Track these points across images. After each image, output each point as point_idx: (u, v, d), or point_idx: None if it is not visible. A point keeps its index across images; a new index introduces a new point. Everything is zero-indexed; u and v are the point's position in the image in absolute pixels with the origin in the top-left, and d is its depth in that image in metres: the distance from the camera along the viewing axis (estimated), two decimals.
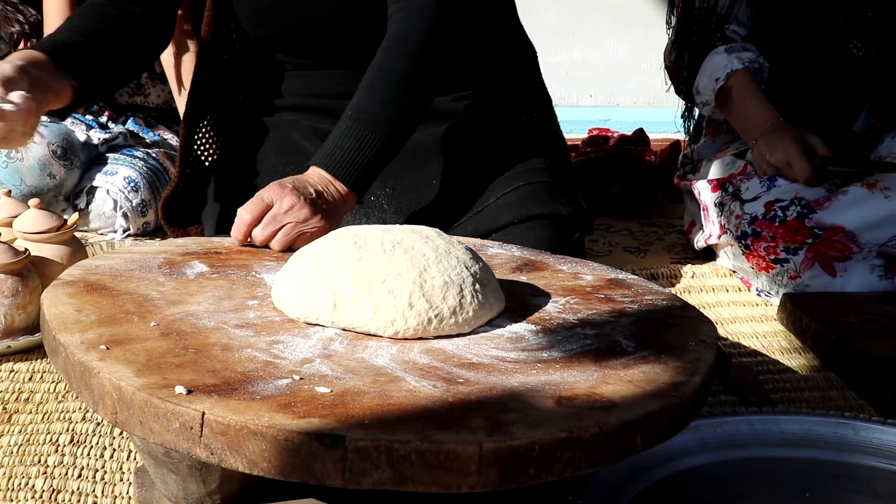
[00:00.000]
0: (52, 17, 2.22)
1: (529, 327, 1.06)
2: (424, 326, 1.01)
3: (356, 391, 0.87)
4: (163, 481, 1.02)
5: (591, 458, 0.84)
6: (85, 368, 0.89)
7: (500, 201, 1.72)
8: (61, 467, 1.27)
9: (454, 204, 1.75)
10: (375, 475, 0.79)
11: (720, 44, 2.05)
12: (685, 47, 2.12)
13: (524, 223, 1.69)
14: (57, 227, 1.68)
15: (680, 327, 1.09)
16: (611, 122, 3.16)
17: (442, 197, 1.75)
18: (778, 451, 1.21)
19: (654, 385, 0.93)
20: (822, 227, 1.84)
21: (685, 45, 2.12)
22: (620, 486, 1.09)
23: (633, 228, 2.39)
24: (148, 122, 2.41)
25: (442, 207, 1.74)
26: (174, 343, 0.95)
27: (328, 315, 1.02)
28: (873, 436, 1.22)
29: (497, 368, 0.95)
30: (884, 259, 1.86)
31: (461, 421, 0.83)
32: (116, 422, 0.87)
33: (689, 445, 1.17)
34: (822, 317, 1.72)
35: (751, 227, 1.90)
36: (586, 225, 1.80)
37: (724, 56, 2.03)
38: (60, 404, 1.43)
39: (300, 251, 1.10)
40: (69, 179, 2.16)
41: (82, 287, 1.08)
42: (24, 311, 1.57)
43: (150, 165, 2.25)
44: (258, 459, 0.81)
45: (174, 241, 1.30)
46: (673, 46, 2.18)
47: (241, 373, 0.89)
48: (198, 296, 1.08)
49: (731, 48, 2.03)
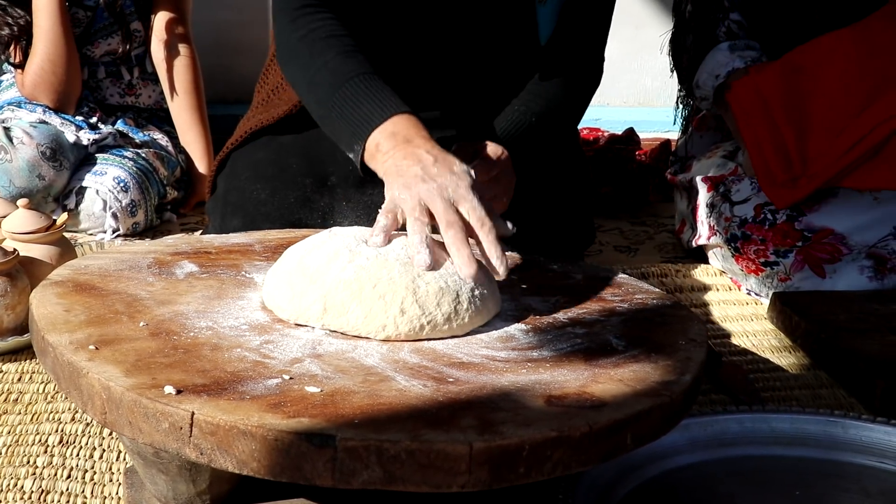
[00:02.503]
0: (42, 19, 2.21)
1: (520, 326, 1.06)
2: (416, 332, 1.00)
3: (346, 391, 0.87)
4: (152, 482, 1.01)
5: (582, 457, 0.84)
6: (74, 369, 0.89)
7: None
8: (50, 468, 1.27)
9: None
10: (365, 475, 0.79)
11: (724, 39, 2.04)
12: (689, 33, 2.11)
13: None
14: (46, 227, 1.67)
15: (670, 326, 1.09)
16: (601, 121, 3.16)
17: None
18: (768, 449, 1.21)
19: (645, 384, 0.93)
20: (812, 230, 1.85)
21: (689, 32, 2.11)
22: (611, 484, 1.09)
23: (623, 228, 2.39)
24: (138, 122, 2.40)
25: None
26: (163, 343, 0.95)
27: (318, 318, 1.01)
28: (863, 434, 1.22)
29: (487, 368, 0.95)
30: (873, 260, 1.86)
31: (451, 420, 0.82)
32: (105, 422, 0.86)
33: (679, 444, 1.17)
34: (812, 315, 1.72)
35: (741, 229, 1.91)
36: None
37: (727, 53, 2.02)
38: (49, 405, 1.43)
39: (290, 251, 1.10)
40: (58, 180, 2.16)
41: (71, 287, 1.07)
42: (13, 311, 1.57)
43: (140, 165, 2.24)
44: (248, 459, 0.80)
45: (164, 241, 1.30)
46: (679, 32, 2.16)
47: (231, 373, 0.89)
48: (187, 296, 1.08)
49: (734, 45, 2.02)
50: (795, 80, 1.88)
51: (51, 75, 2.24)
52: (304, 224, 1.67)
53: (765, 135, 1.89)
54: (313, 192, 1.70)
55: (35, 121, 2.23)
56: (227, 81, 3.16)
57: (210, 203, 1.80)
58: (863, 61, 1.84)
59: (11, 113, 2.27)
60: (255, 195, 1.70)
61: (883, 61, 1.84)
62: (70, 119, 2.27)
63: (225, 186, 1.76)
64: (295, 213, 1.68)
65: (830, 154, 1.82)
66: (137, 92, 2.43)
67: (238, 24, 3.23)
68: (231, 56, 3.20)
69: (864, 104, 1.82)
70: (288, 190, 1.69)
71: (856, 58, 1.85)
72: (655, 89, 3.49)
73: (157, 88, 2.45)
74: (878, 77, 1.84)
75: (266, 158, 1.74)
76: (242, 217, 1.70)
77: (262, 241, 1.33)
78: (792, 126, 1.87)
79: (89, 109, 2.33)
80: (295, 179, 1.71)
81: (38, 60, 2.23)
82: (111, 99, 2.40)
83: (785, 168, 1.86)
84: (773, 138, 1.88)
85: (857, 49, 1.85)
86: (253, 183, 1.71)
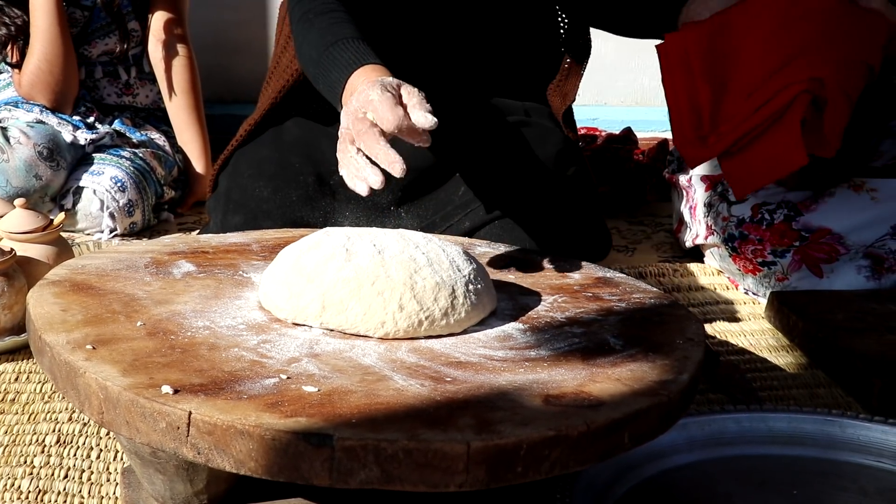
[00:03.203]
0: (39, 18, 2.21)
1: (517, 326, 1.06)
2: (415, 328, 1.01)
3: (343, 390, 0.87)
4: (149, 481, 1.01)
5: (579, 456, 0.84)
6: (71, 368, 0.89)
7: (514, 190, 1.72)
8: (47, 468, 1.27)
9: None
10: (363, 474, 0.79)
11: None
12: None
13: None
14: (43, 226, 1.67)
15: (668, 325, 1.09)
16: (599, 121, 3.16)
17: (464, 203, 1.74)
18: (766, 448, 1.21)
19: (642, 383, 0.93)
20: (809, 230, 1.85)
21: None
22: (608, 484, 1.09)
23: (621, 227, 2.39)
24: (135, 122, 2.40)
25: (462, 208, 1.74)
26: (161, 343, 0.95)
27: (317, 316, 1.01)
28: (860, 433, 1.22)
29: (485, 367, 0.95)
30: (870, 260, 1.86)
31: (449, 420, 0.82)
32: (103, 422, 0.86)
33: (677, 443, 1.17)
34: (810, 315, 1.72)
35: (738, 229, 1.91)
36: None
37: None
38: (47, 405, 1.43)
39: (286, 250, 1.10)
40: (55, 180, 2.16)
41: (68, 287, 1.07)
42: (10, 311, 1.56)
43: (137, 165, 2.24)
44: (245, 459, 0.80)
45: (161, 241, 1.30)
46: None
47: (228, 372, 0.89)
48: (184, 295, 1.08)
49: None
50: (722, 38, 1.76)
51: (48, 75, 2.24)
52: (305, 222, 1.67)
53: (683, 90, 1.78)
54: (315, 191, 1.70)
55: (32, 120, 2.22)
56: (224, 81, 3.15)
57: (211, 200, 1.80)
58: (791, 23, 1.71)
59: (8, 113, 2.26)
60: (256, 192, 1.70)
61: (812, 25, 1.71)
62: (67, 119, 2.27)
63: (227, 184, 1.77)
64: (296, 211, 1.68)
65: (738, 116, 1.71)
66: (135, 92, 2.43)
67: (236, 23, 3.22)
68: (228, 56, 3.20)
69: (779, 67, 1.70)
70: (290, 188, 1.70)
71: (784, 20, 1.72)
72: (653, 89, 3.48)
73: (154, 88, 2.45)
74: (802, 40, 1.71)
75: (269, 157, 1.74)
76: (244, 214, 1.70)
77: (259, 240, 1.33)
78: (709, 84, 1.75)
79: (86, 109, 2.33)
80: (297, 178, 1.71)
81: (35, 60, 2.23)
82: (108, 99, 2.40)
83: (696, 125, 1.76)
84: (689, 95, 1.77)
85: (788, 10, 1.72)
86: (255, 180, 1.71)
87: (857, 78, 1.67)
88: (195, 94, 2.43)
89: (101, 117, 2.34)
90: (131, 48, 2.38)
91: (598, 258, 1.78)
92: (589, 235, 1.76)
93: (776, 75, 1.69)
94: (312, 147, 1.75)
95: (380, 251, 1.04)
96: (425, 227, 1.68)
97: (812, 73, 1.63)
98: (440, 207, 1.73)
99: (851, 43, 1.67)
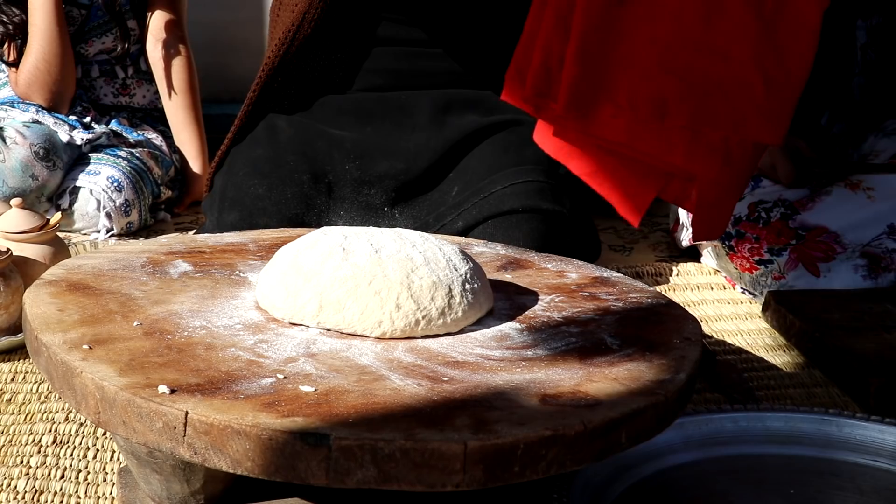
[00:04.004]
0: (38, 17, 2.20)
1: (514, 325, 1.06)
2: (412, 328, 1.01)
3: (340, 390, 0.87)
4: (146, 481, 1.01)
5: (576, 456, 0.84)
6: (67, 368, 0.89)
7: (507, 191, 1.72)
8: (44, 468, 1.27)
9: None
10: (360, 474, 0.79)
11: None
12: None
13: (525, 213, 1.70)
14: (39, 226, 1.67)
15: (664, 325, 1.09)
16: None
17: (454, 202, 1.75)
18: (763, 447, 1.21)
19: (639, 383, 0.93)
20: (806, 228, 1.85)
21: None
22: (605, 483, 1.09)
23: (617, 227, 2.39)
24: (132, 122, 2.39)
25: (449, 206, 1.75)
26: (157, 342, 0.94)
27: (314, 316, 1.01)
28: (857, 432, 1.22)
29: (482, 367, 0.95)
30: (867, 259, 1.86)
31: (446, 419, 0.82)
32: (99, 422, 0.86)
33: (674, 443, 1.17)
34: (806, 314, 1.72)
35: (734, 228, 1.91)
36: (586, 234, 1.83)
37: None
38: (43, 405, 1.43)
39: (283, 250, 1.10)
40: (52, 181, 2.15)
41: (65, 287, 1.07)
42: (7, 311, 1.56)
43: (134, 165, 2.23)
44: (242, 459, 0.80)
45: (157, 241, 1.30)
46: None
47: (225, 372, 0.89)
48: (181, 295, 1.08)
49: None
50: (617, 10, 1.33)
51: (45, 74, 2.23)
52: (301, 220, 1.67)
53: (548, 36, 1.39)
54: (310, 189, 1.70)
55: (28, 120, 2.22)
56: (222, 80, 3.15)
57: (207, 200, 1.81)
58: (688, 18, 1.33)
59: (4, 113, 2.26)
60: (252, 190, 1.70)
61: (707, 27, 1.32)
62: (63, 119, 2.26)
63: (222, 183, 1.77)
64: (292, 208, 1.69)
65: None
66: (131, 91, 2.42)
67: (233, 23, 3.22)
68: (226, 55, 3.19)
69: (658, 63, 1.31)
70: (285, 186, 1.70)
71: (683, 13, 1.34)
72: None
73: (151, 88, 2.44)
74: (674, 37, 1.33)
75: (264, 155, 1.75)
76: (240, 212, 1.70)
77: (256, 240, 1.32)
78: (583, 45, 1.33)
79: (83, 109, 2.32)
80: (292, 176, 1.71)
81: (32, 59, 2.22)
82: (105, 99, 2.40)
83: (537, 83, 1.37)
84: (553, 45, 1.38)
85: (699, 7, 1.33)
86: (251, 178, 1.71)
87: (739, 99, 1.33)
88: (193, 94, 2.43)
89: (98, 117, 2.34)
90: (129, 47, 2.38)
91: (591, 260, 1.78)
92: (580, 237, 1.76)
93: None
94: (307, 146, 1.75)
95: (377, 250, 1.04)
96: (419, 228, 1.69)
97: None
98: (434, 208, 1.74)
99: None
